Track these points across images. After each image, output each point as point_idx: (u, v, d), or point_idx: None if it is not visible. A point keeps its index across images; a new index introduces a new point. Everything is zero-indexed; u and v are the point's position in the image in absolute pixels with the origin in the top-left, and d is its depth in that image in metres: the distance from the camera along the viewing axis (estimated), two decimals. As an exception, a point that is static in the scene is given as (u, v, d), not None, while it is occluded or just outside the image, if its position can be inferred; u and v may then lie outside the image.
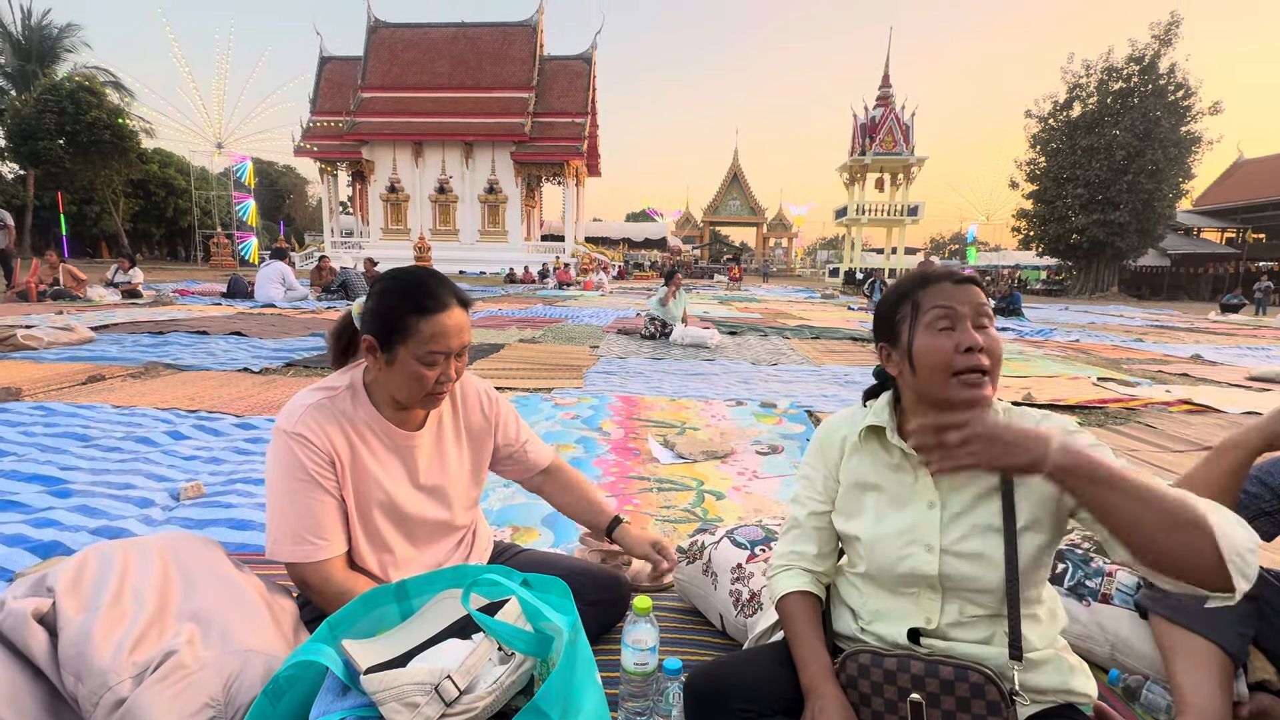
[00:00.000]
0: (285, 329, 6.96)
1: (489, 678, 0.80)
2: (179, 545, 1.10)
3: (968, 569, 0.93)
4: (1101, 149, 23.27)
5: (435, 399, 1.19)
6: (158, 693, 0.78)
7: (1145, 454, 3.20)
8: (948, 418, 0.80)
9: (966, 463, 0.79)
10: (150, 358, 4.94)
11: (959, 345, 0.91)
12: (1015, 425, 0.80)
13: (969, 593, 0.94)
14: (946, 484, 0.97)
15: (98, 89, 27.73)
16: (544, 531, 2.08)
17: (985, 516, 0.93)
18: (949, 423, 0.80)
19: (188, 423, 3.17)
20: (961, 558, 0.93)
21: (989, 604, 0.93)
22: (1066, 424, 0.94)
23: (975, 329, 0.92)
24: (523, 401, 3.94)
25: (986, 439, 0.78)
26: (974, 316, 0.92)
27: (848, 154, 29.19)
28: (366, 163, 28.58)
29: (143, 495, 2.23)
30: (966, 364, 0.91)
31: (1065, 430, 0.92)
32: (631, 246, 40.31)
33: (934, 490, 0.97)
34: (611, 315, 10.22)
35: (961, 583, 0.94)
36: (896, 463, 1.01)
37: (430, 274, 1.19)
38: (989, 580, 0.91)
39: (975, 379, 0.90)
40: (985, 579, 0.92)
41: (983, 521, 0.93)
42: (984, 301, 0.94)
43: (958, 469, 0.80)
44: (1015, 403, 1.00)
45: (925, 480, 0.98)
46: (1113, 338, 9.29)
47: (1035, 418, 0.96)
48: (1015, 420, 0.95)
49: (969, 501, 0.95)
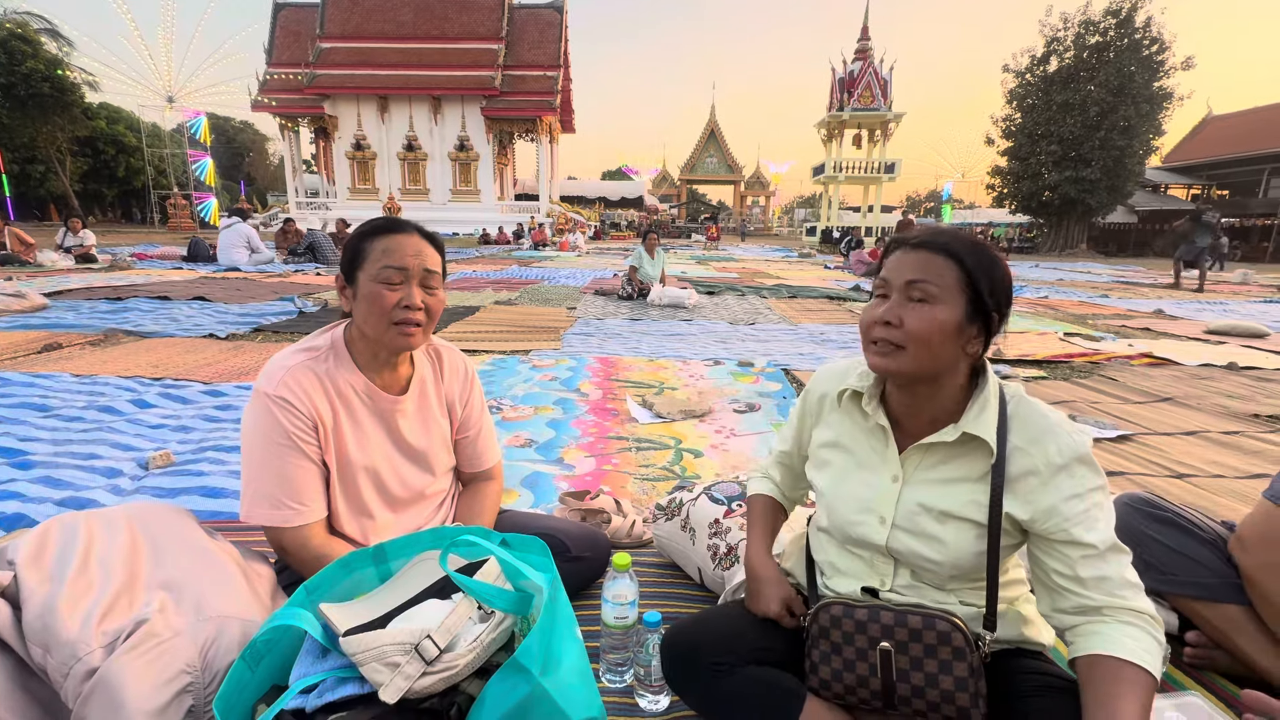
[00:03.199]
0: (251, 294, 6.75)
1: (469, 636, 0.81)
2: (147, 514, 1.08)
3: (917, 546, 0.94)
4: (1076, 105, 23.28)
5: (405, 332, 1.14)
6: (130, 661, 0.77)
7: (1107, 405, 3.31)
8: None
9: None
10: (110, 324, 4.76)
11: (876, 316, 0.92)
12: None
13: (919, 567, 0.96)
14: (914, 464, 0.97)
15: (31, 37, 25.86)
16: (523, 492, 2.09)
17: (948, 503, 0.93)
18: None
19: (153, 390, 3.08)
20: (913, 535, 0.95)
21: (937, 580, 0.96)
22: (1069, 426, 0.91)
23: (905, 301, 0.90)
24: (500, 364, 3.90)
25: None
26: (904, 289, 0.90)
27: (826, 110, 28.78)
28: (329, 118, 27.29)
29: (109, 465, 2.18)
30: (877, 334, 0.92)
31: (1070, 433, 0.89)
32: (608, 206, 39.60)
33: (900, 466, 0.97)
34: (588, 276, 10.11)
35: (910, 557, 0.96)
36: (870, 429, 1.01)
37: (395, 217, 1.20)
38: (938, 561, 0.93)
39: (883, 349, 0.91)
40: (933, 559, 0.93)
41: (943, 506, 0.93)
42: (920, 278, 0.88)
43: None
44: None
45: (893, 453, 0.98)
46: (1080, 294, 9.50)
47: (1043, 410, 0.92)
48: (1023, 410, 0.92)
49: (934, 485, 0.95)
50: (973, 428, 0.91)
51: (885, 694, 0.92)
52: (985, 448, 0.91)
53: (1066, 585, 0.87)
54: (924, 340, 0.88)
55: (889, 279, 0.92)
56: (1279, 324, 6.48)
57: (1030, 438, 0.90)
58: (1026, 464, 0.89)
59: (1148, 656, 0.80)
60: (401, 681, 0.74)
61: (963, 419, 0.92)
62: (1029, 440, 0.90)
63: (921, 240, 0.91)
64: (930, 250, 0.90)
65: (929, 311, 0.88)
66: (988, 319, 0.90)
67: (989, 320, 0.91)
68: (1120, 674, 0.78)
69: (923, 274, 0.89)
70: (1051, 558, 0.89)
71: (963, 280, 0.88)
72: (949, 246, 0.89)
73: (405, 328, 1.14)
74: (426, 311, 1.16)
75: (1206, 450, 2.65)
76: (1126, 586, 0.85)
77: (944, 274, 0.88)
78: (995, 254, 0.91)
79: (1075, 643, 0.86)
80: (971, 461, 0.93)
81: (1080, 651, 0.84)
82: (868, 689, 0.93)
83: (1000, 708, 0.89)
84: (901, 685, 0.91)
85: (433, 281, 1.17)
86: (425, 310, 1.16)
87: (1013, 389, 0.95)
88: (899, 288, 0.90)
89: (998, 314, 0.91)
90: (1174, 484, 2.27)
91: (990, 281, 0.89)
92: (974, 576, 0.94)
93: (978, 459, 0.92)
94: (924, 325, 0.88)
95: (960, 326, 0.88)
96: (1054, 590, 0.89)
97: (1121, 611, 0.84)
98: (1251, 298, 9.56)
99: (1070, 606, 0.87)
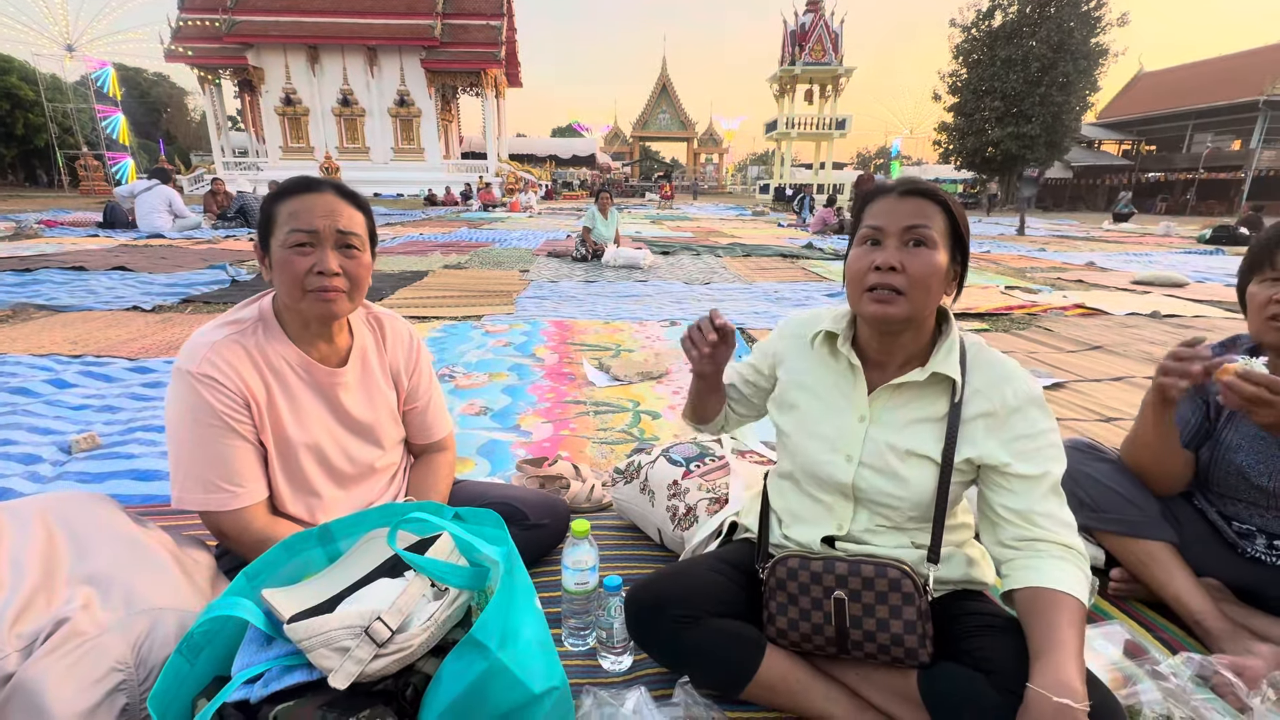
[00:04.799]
0: (178, 262, 6.32)
1: (422, 615, 0.78)
2: (64, 506, 1.00)
3: (881, 484, 0.97)
4: (1018, 60, 23.70)
5: (322, 299, 1.06)
6: (51, 663, 0.72)
7: (1043, 355, 3.48)
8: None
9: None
10: (18, 299, 4.38)
11: (872, 262, 0.92)
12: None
13: (879, 505, 0.99)
14: (881, 404, 0.99)
15: (-103, -27, 22.86)
16: (480, 461, 2.05)
17: (911, 442, 0.96)
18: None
19: (72, 369, 2.87)
20: (877, 473, 0.97)
21: (897, 518, 0.99)
22: (1024, 373, 0.96)
23: (903, 247, 0.91)
24: (451, 330, 3.79)
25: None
26: (901, 234, 0.91)
27: (778, 64, 28.46)
28: (254, 70, 25.29)
29: (26, 451, 2.02)
30: (875, 280, 0.92)
31: (1024, 378, 0.95)
32: (559, 164, 38.49)
33: (867, 406, 0.99)
34: (541, 238, 9.87)
35: (873, 495, 0.98)
36: (841, 370, 1.03)
37: (312, 176, 1.11)
38: (900, 497, 0.96)
39: (882, 294, 0.91)
40: (897, 495, 0.96)
41: (906, 445, 0.96)
42: (919, 223, 0.90)
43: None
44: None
45: (861, 394, 1.00)
46: (1020, 248, 9.86)
47: (1000, 357, 0.97)
48: (982, 356, 0.97)
49: (899, 424, 0.98)
50: (942, 368, 0.95)
51: (839, 640, 0.96)
52: (948, 388, 0.96)
53: (1009, 518, 0.93)
54: (925, 284, 0.90)
55: (882, 226, 0.92)
56: (1198, 274, 6.91)
57: (989, 381, 0.94)
58: (984, 406, 0.94)
59: (1079, 588, 0.86)
60: (352, 666, 0.72)
61: (931, 360, 0.96)
62: (988, 384, 0.94)
63: (910, 188, 0.93)
64: (922, 197, 0.92)
65: (929, 255, 0.90)
66: (963, 265, 0.97)
67: (964, 266, 0.97)
68: (1057, 602, 0.84)
69: (921, 219, 0.91)
70: (996, 492, 0.94)
71: (949, 226, 0.93)
72: (937, 194, 0.93)
73: (323, 294, 1.06)
74: (347, 276, 1.08)
75: (1132, 395, 2.81)
76: (1062, 525, 0.91)
77: (936, 219, 0.91)
78: (960, 205, 0.96)
79: (1012, 575, 0.91)
80: (934, 402, 0.97)
81: (1018, 584, 0.89)
82: (823, 636, 0.97)
83: (946, 648, 0.94)
84: (854, 631, 0.95)
85: (351, 242, 1.08)
86: (345, 275, 1.07)
87: (972, 337, 1.00)
88: (895, 233, 0.91)
89: (965, 261, 0.98)
90: (1103, 427, 2.41)
91: (965, 227, 0.95)
92: (930, 515, 0.98)
93: (940, 400, 0.96)
94: (926, 269, 0.90)
95: (947, 271, 0.93)
96: (997, 523, 0.95)
97: (1055, 546, 0.90)
98: (1174, 249, 10.14)
99: (1010, 538, 0.92)
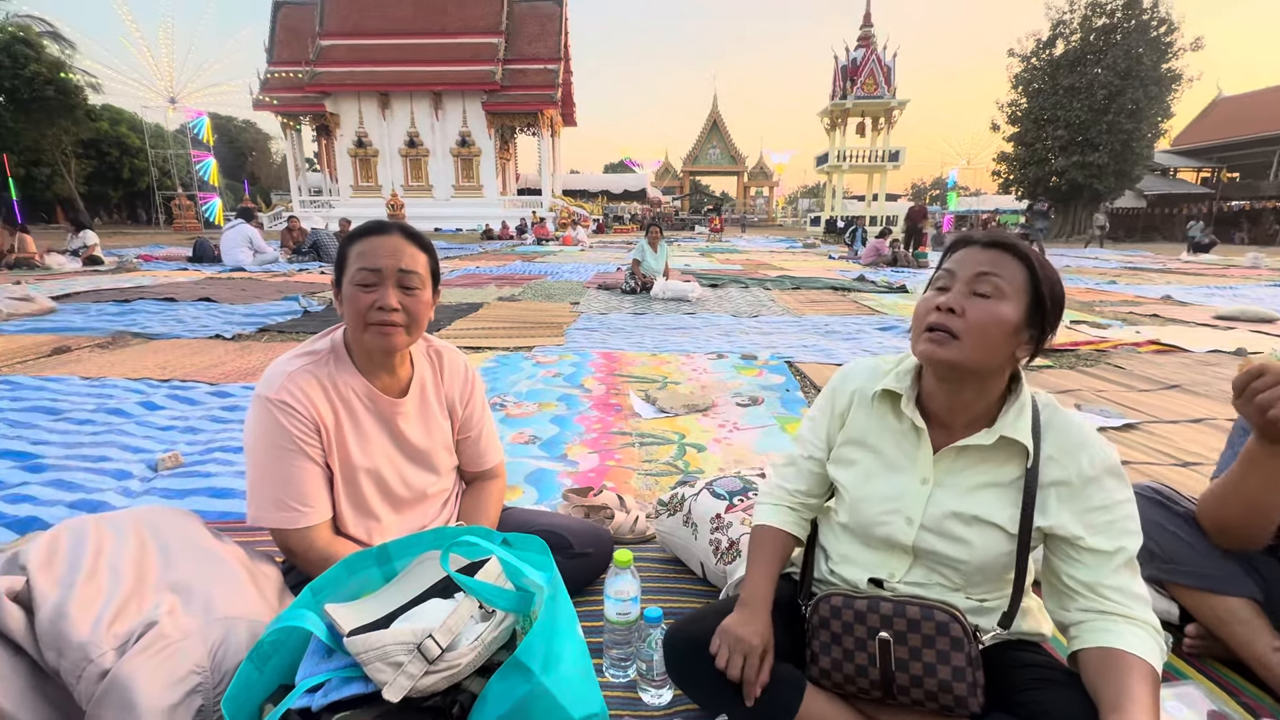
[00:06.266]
0: (256, 293, 6.79)
1: (470, 635, 0.82)
2: (154, 518, 1.10)
3: (944, 548, 0.95)
4: (1083, 88, 23.03)
5: (382, 334, 1.14)
6: (142, 662, 0.79)
7: (1113, 394, 3.30)
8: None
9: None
10: (117, 327, 4.80)
11: (935, 304, 0.92)
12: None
13: (940, 565, 0.97)
14: (945, 467, 0.97)
15: (34, 40, 25.93)
16: (527, 489, 2.11)
17: (977, 507, 0.93)
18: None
19: (161, 392, 3.11)
20: (940, 536, 0.95)
21: (957, 579, 0.96)
22: (1100, 439, 0.93)
23: (970, 293, 0.89)
24: (504, 360, 3.92)
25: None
26: (971, 280, 0.90)
27: (829, 98, 28.55)
28: (330, 115, 27.30)
29: (119, 467, 2.21)
30: (933, 320, 0.91)
31: (1102, 445, 0.91)
32: (610, 199, 39.48)
33: (931, 469, 0.97)
34: (591, 270, 10.10)
35: (934, 556, 0.96)
36: (904, 430, 1.00)
37: (383, 219, 1.21)
38: (964, 561, 0.94)
39: (936, 335, 0.90)
40: (960, 559, 0.94)
41: (972, 511, 0.93)
42: (990, 272, 0.89)
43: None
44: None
45: (926, 456, 0.98)
46: (1087, 280, 9.43)
47: (1076, 421, 0.93)
48: (1057, 420, 0.93)
49: (964, 489, 0.95)
50: (1010, 431, 0.91)
51: (884, 684, 0.94)
52: (1017, 454, 0.92)
53: (1077, 589, 0.89)
54: (982, 332, 0.88)
55: (954, 271, 0.93)
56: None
57: (1064, 448, 0.91)
58: (1058, 474, 0.91)
59: (1154, 656, 0.83)
60: (405, 680, 0.76)
61: (998, 422, 0.93)
62: (1063, 450, 0.91)
63: (993, 240, 0.92)
64: (1002, 250, 0.90)
65: (993, 305, 0.88)
66: (1042, 328, 0.91)
67: (1042, 329, 0.91)
68: (1130, 664, 0.81)
69: (994, 268, 0.89)
70: (1066, 562, 0.91)
71: (1029, 283, 0.89)
72: (1020, 249, 0.91)
73: (381, 329, 1.13)
74: (406, 312, 1.15)
75: (1212, 438, 2.63)
76: (1135, 599, 0.87)
77: (1013, 273, 0.89)
78: (1053, 266, 0.92)
79: (1081, 637, 0.88)
80: (1002, 466, 0.93)
81: (1088, 644, 0.86)
82: (867, 679, 0.95)
83: (1000, 700, 0.90)
84: (900, 675, 0.92)
85: (412, 282, 1.15)
86: (404, 311, 1.15)
87: (1045, 398, 0.96)
88: (965, 279, 0.91)
89: (1051, 324, 0.92)
90: (1180, 472, 2.26)
91: (1052, 290, 0.90)
92: (995, 577, 0.95)
93: (1010, 464, 0.93)
94: (986, 317, 0.88)
95: (1017, 328, 0.89)
96: (1064, 592, 0.91)
97: (1127, 620, 0.86)
98: (1261, 281, 9.47)
99: (1077, 608, 0.89)
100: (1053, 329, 0.92)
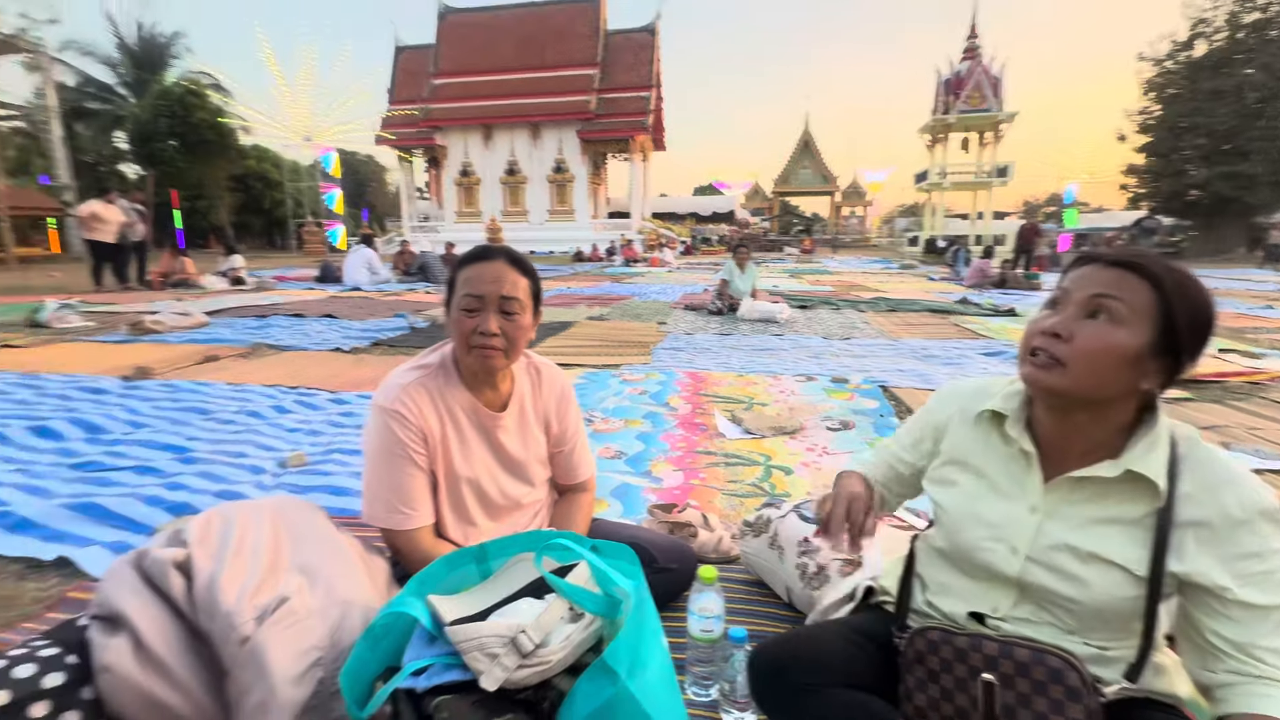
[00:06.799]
0: (371, 311, 7.40)
1: (560, 634, 0.85)
2: (286, 507, 1.23)
3: (1054, 584, 0.87)
4: (1229, 92, 20.66)
5: (482, 356, 1.20)
6: (276, 633, 0.89)
7: (1270, 432, 2.90)
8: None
9: None
10: (256, 339, 5.40)
11: (1038, 326, 0.86)
12: None
13: (1051, 605, 0.89)
14: (1058, 497, 0.89)
15: (201, 91, 30.04)
16: (613, 502, 2.15)
17: (1095, 544, 0.85)
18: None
19: (289, 398, 3.46)
20: (1050, 572, 0.88)
21: (1071, 622, 0.88)
22: (1253, 479, 0.82)
23: (1082, 316, 0.83)
24: (593, 377, 4.03)
25: None
26: (1084, 302, 0.83)
27: (930, 114, 27.38)
28: (440, 148, 29.52)
29: (254, 463, 2.47)
30: (1038, 344, 0.85)
31: (1254, 486, 0.80)
32: (699, 221, 39.72)
33: (1041, 497, 0.90)
34: (679, 291, 10.19)
35: (1043, 593, 0.89)
36: (1012, 454, 0.94)
37: (490, 245, 1.27)
38: (1078, 602, 0.86)
39: (1040, 359, 0.84)
40: (1073, 599, 0.86)
41: (1089, 548, 0.85)
42: (1107, 293, 0.80)
43: None
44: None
45: (1035, 484, 0.91)
46: (1238, 304, 8.36)
47: (1223, 458, 0.83)
48: (1198, 454, 0.83)
49: (1079, 522, 0.87)
50: (1139, 466, 0.83)
51: None
52: (1147, 490, 0.83)
53: (1225, 648, 0.79)
54: (1090, 360, 0.80)
55: (1069, 290, 0.85)
56: None
57: (1205, 485, 0.81)
58: (1196, 514, 0.81)
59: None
60: (499, 671, 0.80)
61: (1125, 455, 0.84)
62: (1203, 488, 0.81)
63: (1118, 258, 0.83)
64: (1126, 268, 0.81)
65: (1107, 331, 0.80)
66: (1176, 356, 0.81)
67: (1177, 357, 0.81)
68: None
69: (1111, 289, 0.80)
70: (1212, 618, 0.80)
71: (1157, 307, 0.79)
72: (1148, 267, 0.80)
73: (483, 352, 1.20)
74: (505, 336, 1.20)
75: (1403, 487, 2.24)
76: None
77: (1136, 295, 0.79)
78: (1203, 286, 0.81)
79: (1230, 700, 0.78)
80: (1129, 503, 0.85)
81: (1240, 709, 0.76)
82: None
83: (1125, 762, 0.82)
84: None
85: (512, 307, 1.20)
86: (504, 336, 1.20)
87: (1185, 431, 0.86)
88: (1079, 300, 0.83)
89: (1189, 353, 0.81)
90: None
91: (1190, 315, 0.79)
92: (1117, 624, 0.86)
93: (1137, 501, 0.84)
94: (1095, 344, 0.80)
95: (1140, 357, 0.79)
96: (1207, 651, 0.81)
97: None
98: None
99: (1224, 670, 0.79)
100: (1191, 359, 0.82)
